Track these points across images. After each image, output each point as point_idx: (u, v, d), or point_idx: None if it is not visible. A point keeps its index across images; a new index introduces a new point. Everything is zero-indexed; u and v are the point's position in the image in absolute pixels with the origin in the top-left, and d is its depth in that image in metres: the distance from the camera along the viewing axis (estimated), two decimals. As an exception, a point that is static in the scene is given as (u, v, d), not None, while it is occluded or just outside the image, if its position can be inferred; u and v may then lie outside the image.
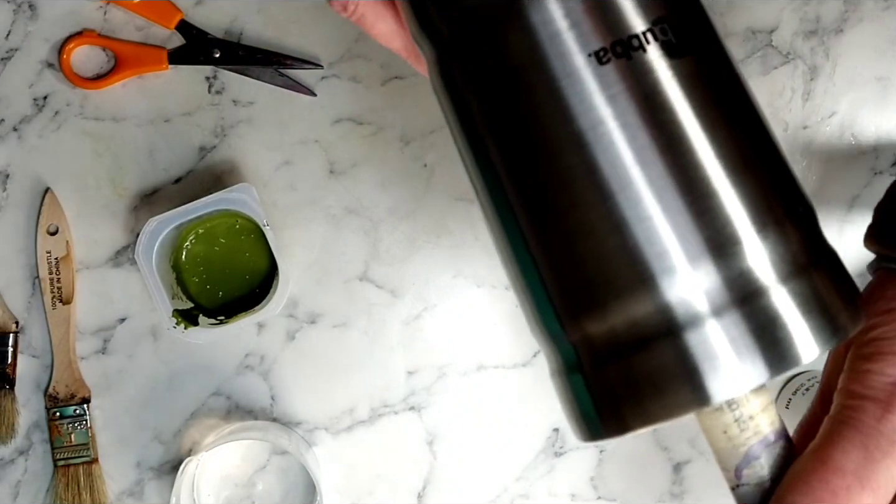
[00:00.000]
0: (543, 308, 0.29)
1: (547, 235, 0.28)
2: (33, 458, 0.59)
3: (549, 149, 0.28)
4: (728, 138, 0.27)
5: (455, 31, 0.29)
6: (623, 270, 0.27)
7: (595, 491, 0.61)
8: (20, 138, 0.58)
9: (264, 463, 0.60)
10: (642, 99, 0.27)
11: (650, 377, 0.26)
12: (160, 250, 0.55)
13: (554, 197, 0.28)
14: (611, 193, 0.27)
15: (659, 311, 0.26)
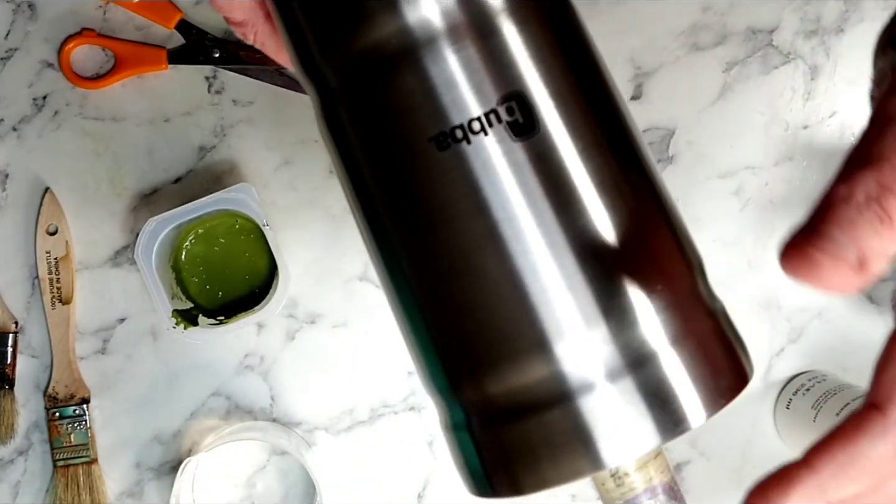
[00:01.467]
0: (432, 364, 0.28)
1: (432, 295, 0.28)
2: (33, 458, 0.59)
3: (414, 219, 0.27)
4: (590, 217, 0.26)
5: (338, 79, 0.29)
6: (514, 335, 0.26)
7: (595, 491, 0.61)
8: (20, 138, 0.58)
9: (264, 463, 0.60)
10: (479, 184, 0.26)
11: (544, 442, 0.26)
12: (160, 250, 0.55)
13: (431, 261, 0.27)
14: (476, 267, 0.26)
15: (553, 376, 0.26)
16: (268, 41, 0.33)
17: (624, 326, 0.26)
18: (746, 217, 0.60)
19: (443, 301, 0.28)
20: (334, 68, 0.28)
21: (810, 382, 0.59)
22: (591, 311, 0.26)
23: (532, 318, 0.26)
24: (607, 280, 0.26)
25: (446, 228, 0.27)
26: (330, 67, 0.28)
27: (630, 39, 0.58)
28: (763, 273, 0.60)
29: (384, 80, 0.27)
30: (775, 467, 0.28)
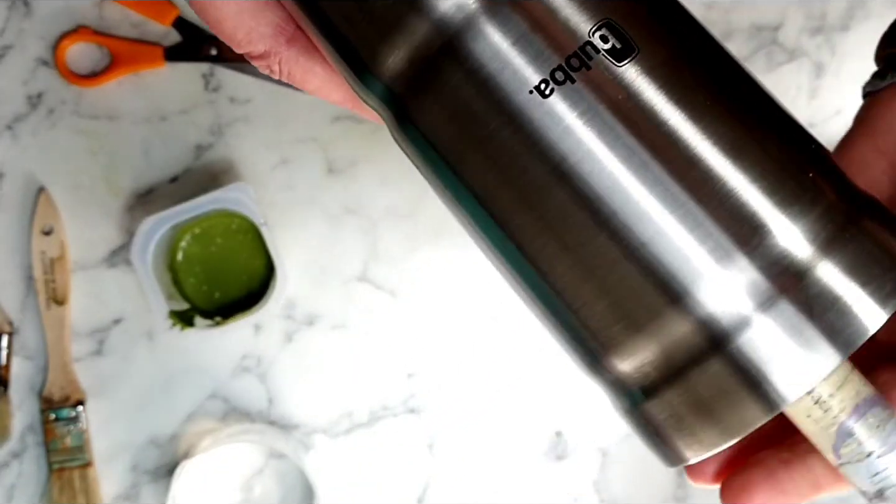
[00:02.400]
0: (583, 353, 0.27)
1: (559, 280, 0.27)
2: (28, 461, 0.58)
3: (530, 193, 0.26)
4: (715, 121, 0.25)
5: (403, 87, 0.27)
6: (650, 295, 0.25)
7: (598, 495, 0.60)
8: (14, 137, 0.58)
9: (261, 466, 0.59)
10: (598, 119, 0.25)
11: (716, 394, 0.25)
12: (156, 250, 0.54)
13: (552, 240, 0.26)
14: (607, 222, 0.25)
15: (701, 324, 0.24)
16: (294, 68, 0.31)
17: (761, 248, 0.24)
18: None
19: (578, 270, 0.26)
20: (402, 66, 0.26)
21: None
22: (723, 241, 0.24)
23: (676, 258, 0.24)
24: (765, 180, 0.25)
25: (572, 180, 0.25)
26: (395, 68, 0.26)
27: (633, 36, 0.58)
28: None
29: (462, 55, 0.25)
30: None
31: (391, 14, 0.25)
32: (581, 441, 0.60)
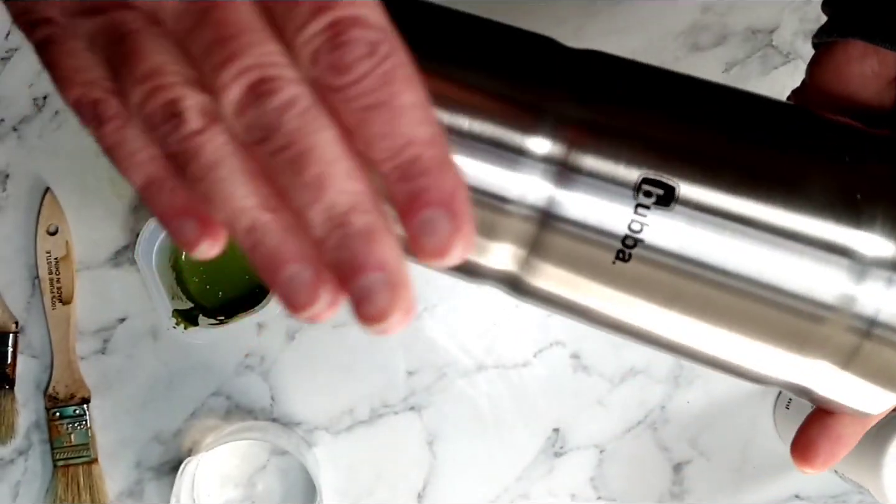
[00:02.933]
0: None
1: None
2: (33, 458, 0.59)
3: (639, 335, 0.30)
4: (763, 194, 0.28)
5: (508, 280, 0.31)
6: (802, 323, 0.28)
7: (595, 491, 0.61)
8: (20, 138, 0.58)
9: (264, 463, 0.60)
10: (678, 263, 0.28)
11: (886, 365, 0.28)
12: (160, 250, 0.55)
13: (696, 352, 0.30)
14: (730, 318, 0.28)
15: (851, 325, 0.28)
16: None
17: (849, 262, 0.27)
18: (746, 217, 0.60)
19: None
20: (505, 261, 0.30)
21: (810, 382, 0.59)
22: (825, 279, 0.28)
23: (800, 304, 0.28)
24: (815, 242, 0.28)
25: (670, 323, 0.29)
26: (500, 264, 0.30)
27: (630, 40, 0.58)
28: (763, 273, 0.60)
29: (550, 243, 0.28)
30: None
31: (486, 221, 0.28)
32: (578, 438, 0.61)
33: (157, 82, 0.20)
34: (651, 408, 0.61)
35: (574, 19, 0.58)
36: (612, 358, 0.60)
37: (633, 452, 0.61)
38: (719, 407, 0.61)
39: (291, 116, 0.20)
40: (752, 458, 0.61)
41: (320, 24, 0.19)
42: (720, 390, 0.61)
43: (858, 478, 0.53)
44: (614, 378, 0.61)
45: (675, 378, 0.61)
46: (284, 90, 0.19)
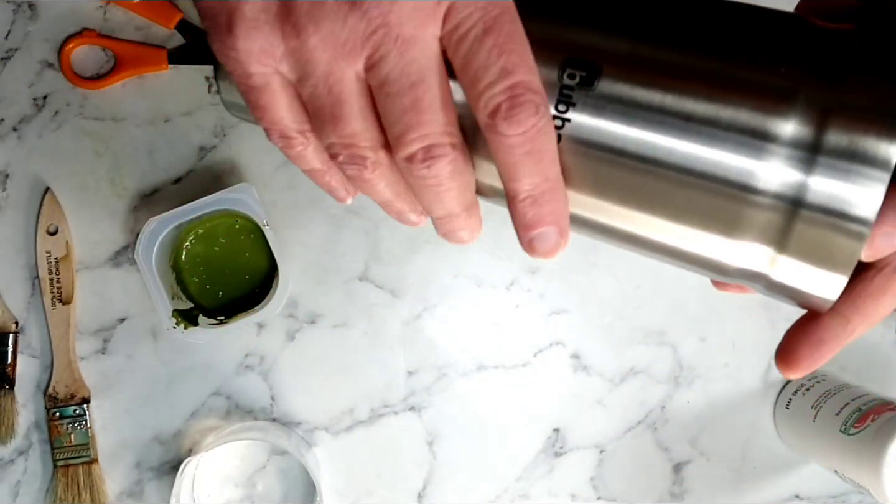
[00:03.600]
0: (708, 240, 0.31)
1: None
2: (33, 458, 0.59)
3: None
4: (692, 71, 0.29)
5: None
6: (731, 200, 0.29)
7: (595, 491, 0.61)
8: (20, 138, 0.58)
9: (264, 463, 0.60)
10: (609, 137, 0.29)
11: (817, 245, 0.29)
12: (160, 250, 0.55)
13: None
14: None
15: (776, 201, 0.29)
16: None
17: (777, 143, 0.28)
18: (746, 217, 0.60)
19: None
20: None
21: (810, 382, 0.59)
22: (750, 145, 0.28)
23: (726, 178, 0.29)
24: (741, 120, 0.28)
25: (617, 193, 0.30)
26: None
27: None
28: (763, 273, 0.60)
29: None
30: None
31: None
32: (578, 438, 0.61)
33: (352, 142, 0.30)
34: (651, 408, 0.61)
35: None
36: (612, 358, 0.61)
37: (633, 452, 0.61)
38: (719, 407, 0.61)
39: (445, 170, 0.29)
40: (752, 458, 0.61)
41: (504, 84, 0.27)
42: (720, 390, 0.61)
43: (858, 478, 0.53)
44: (614, 378, 0.61)
45: (675, 378, 0.61)
46: (446, 157, 0.28)
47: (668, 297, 0.60)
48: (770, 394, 0.61)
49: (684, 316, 0.61)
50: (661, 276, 0.60)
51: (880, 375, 0.61)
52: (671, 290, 0.60)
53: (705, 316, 0.61)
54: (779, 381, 0.61)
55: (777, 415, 0.61)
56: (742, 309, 0.61)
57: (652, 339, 0.61)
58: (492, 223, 0.59)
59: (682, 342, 0.61)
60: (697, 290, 0.60)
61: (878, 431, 0.51)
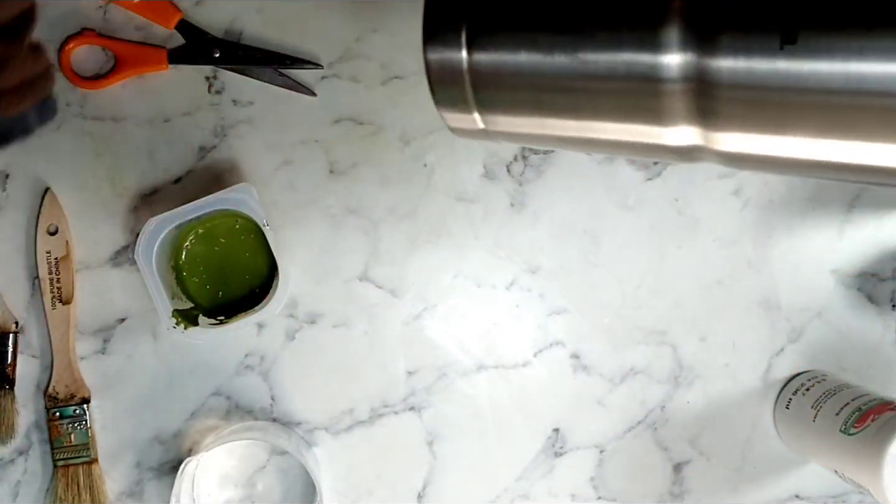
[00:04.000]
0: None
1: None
2: (33, 458, 0.59)
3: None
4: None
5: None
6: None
7: (595, 491, 0.61)
8: (20, 138, 0.58)
9: (264, 463, 0.60)
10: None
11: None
12: (160, 250, 0.55)
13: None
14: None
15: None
16: None
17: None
18: (746, 217, 0.60)
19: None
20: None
21: (810, 382, 0.59)
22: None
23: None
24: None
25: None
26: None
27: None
28: (763, 273, 0.60)
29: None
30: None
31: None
32: (578, 438, 0.61)
33: None
34: (651, 408, 0.61)
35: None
36: (612, 358, 0.61)
37: (633, 452, 0.61)
38: (719, 407, 0.61)
39: None
40: (752, 458, 0.61)
41: None
42: (720, 390, 0.61)
43: (858, 478, 0.53)
44: (614, 378, 0.61)
45: (675, 378, 0.61)
46: None
47: (668, 297, 0.60)
48: (770, 394, 0.61)
49: (684, 316, 0.61)
50: (661, 276, 0.60)
51: (880, 375, 0.61)
52: (671, 290, 0.60)
53: (705, 316, 0.61)
54: (779, 382, 0.61)
55: (777, 415, 0.61)
56: (742, 309, 0.61)
57: (652, 339, 0.61)
58: (492, 223, 0.60)
59: (682, 342, 0.61)
60: (697, 290, 0.60)
61: (878, 431, 0.51)
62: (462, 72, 0.39)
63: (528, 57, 0.36)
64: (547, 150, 0.58)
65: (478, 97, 0.39)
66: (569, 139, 0.39)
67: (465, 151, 0.59)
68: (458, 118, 0.41)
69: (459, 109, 0.40)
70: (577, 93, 0.36)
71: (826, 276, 0.61)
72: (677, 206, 0.60)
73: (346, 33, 0.58)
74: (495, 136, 0.41)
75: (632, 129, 0.36)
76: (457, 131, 0.43)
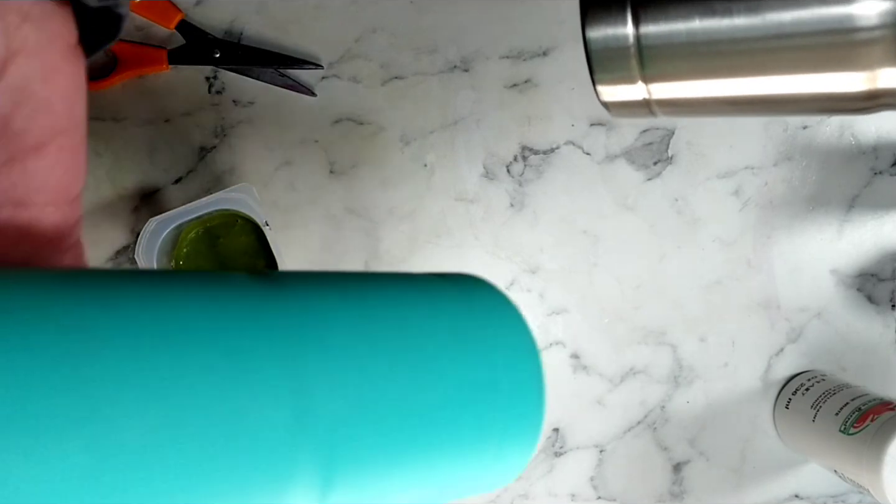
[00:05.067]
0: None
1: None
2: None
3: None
4: None
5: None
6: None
7: (595, 491, 0.61)
8: (20, 138, 0.58)
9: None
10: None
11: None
12: (160, 250, 0.55)
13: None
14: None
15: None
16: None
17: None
18: (746, 217, 0.60)
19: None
20: None
21: (809, 382, 0.59)
22: None
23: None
24: None
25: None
26: None
27: (630, 40, 0.58)
28: (762, 273, 0.60)
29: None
30: None
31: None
32: (578, 438, 0.61)
33: None
34: (651, 408, 0.61)
35: (574, 20, 0.58)
36: (612, 358, 0.61)
37: (632, 452, 0.61)
38: (719, 407, 0.61)
39: None
40: (752, 457, 0.61)
41: None
42: (720, 390, 0.61)
43: (858, 477, 0.53)
44: (614, 378, 0.61)
45: (675, 378, 0.61)
46: None
47: (668, 297, 0.60)
48: (770, 393, 0.61)
49: (684, 316, 0.61)
50: (662, 276, 0.60)
51: (880, 375, 0.61)
52: (671, 290, 0.60)
53: (705, 316, 0.61)
54: (778, 381, 0.61)
55: (777, 414, 0.61)
56: (742, 309, 0.61)
57: (652, 339, 0.61)
58: (492, 223, 0.60)
59: (681, 342, 0.61)
60: (697, 290, 0.60)
61: (877, 431, 0.51)
62: (628, 47, 0.38)
63: (702, 23, 0.36)
64: (553, 149, 0.58)
65: (645, 70, 0.39)
66: (744, 101, 0.38)
67: (465, 151, 0.59)
68: (621, 92, 0.41)
69: (623, 83, 0.40)
70: (757, 53, 0.35)
71: (826, 276, 0.61)
72: (677, 206, 0.60)
73: (346, 33, 0.58)
74: (661, 107, 0.41)
75: (820, 80, 0.35)
76: (614, 108, 0.43)
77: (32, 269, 0.21)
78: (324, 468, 0.23)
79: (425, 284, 0.30)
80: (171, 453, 0.20)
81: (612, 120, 0.59)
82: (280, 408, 0.22)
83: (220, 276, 0.25)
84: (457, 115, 0.59)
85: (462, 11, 0.58)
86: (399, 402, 0.25)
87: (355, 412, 0.24)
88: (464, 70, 0.58)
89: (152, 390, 0.20)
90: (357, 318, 0.26)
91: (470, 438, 0.28)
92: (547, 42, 0.58)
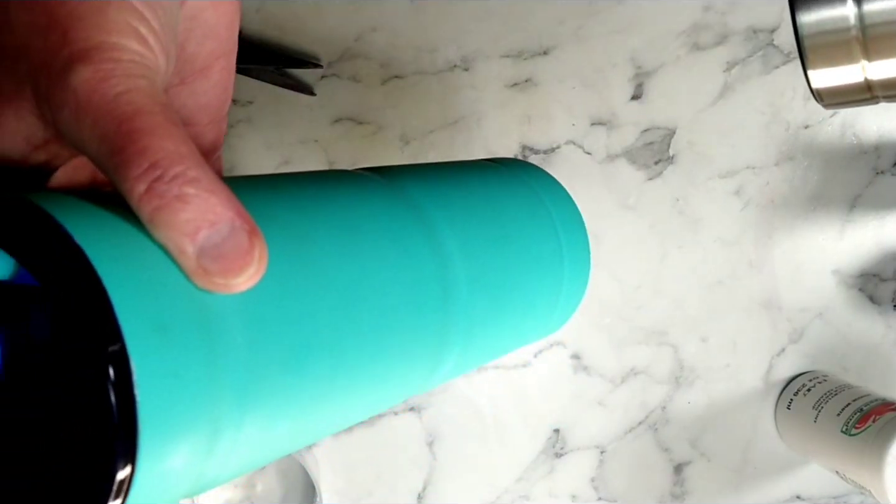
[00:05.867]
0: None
1: None
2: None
3: None
4: None
5: None
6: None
7: (596, 492, 0.61)
8: (19, 138, 0.58)
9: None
10: None
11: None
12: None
13: None
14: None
15: None
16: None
17: None
18: (747, 217, 0.60)
19: None
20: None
21: (811, 383, 0.59)
22: None
23: None
24: None
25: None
26: None
27: (630, 39, 0.58)
28: (764, 273, 0.60)
29: None
30: None
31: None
32: (579, 439, 0.61)
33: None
34: (652, 408, 0.61)
35: (574, 19, 0.58)
36: (613, 358, 0.60)
37: (633, 453, 0.61)
38: (720, 408, 0.61)
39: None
40: (753, 458, 0.61)
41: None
42: (721, 391, 0.61)
43: (860, 478, 0.52)
44: (615, 378, 0.61)
45: (676, 379, 0.61)
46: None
47: (669, 297, 0.60)
48: (771, 394, 0.61)
49: (685, 316, 0.60)
50: (662, 276, 0.60)
51: (881, 376, 0.61)
52: (672, 290, 0.60)
53: (706, 316, 0.60)
54: (780, 382, 0.61)
55: (778, 415, 0.61)
56: (743, 309, 0.60)
57: (652, 339, 0.61)
58: (492, 223, 0.60)
59: (682, 342, 0.61)
60: (698, 291, 0.60)
61: (879, 432, 0.51)
62: (849, 28, 0.38)
63: None
64: (554, 148, 0.58)
65: (868, 52, 0.38)
66: None
67: (465, 151, 0.59)
68: (838, 76, 0.40)
69: (841, 65, 0.39)
70: None
71: (827, 277, 0.60)
72: (678, 206, 0.60)
73: (346, 33, 0.58)
74: (887, 89, 0.40)
75: None
76: (828, 95, 0.42)
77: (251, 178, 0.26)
78: (465, 321, 0.31)
79: (495, 172, 0.38)
80: (370, 301, 0.27)
81: (612, 119, 0.59)
82: (432, 275, 0.29)
83: (354, 176, 0.31)
84: (457, 114, 0.59)
85: (462, 10, 0.58)
86: (503, 273, 0.34)
87: (480, 278, 0.32)
88: (464, 69, 0.58)
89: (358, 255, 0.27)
90: (467, 205, 0.34)
91: (545, 296, 0.38)
92: (547, 41, 0.58)
